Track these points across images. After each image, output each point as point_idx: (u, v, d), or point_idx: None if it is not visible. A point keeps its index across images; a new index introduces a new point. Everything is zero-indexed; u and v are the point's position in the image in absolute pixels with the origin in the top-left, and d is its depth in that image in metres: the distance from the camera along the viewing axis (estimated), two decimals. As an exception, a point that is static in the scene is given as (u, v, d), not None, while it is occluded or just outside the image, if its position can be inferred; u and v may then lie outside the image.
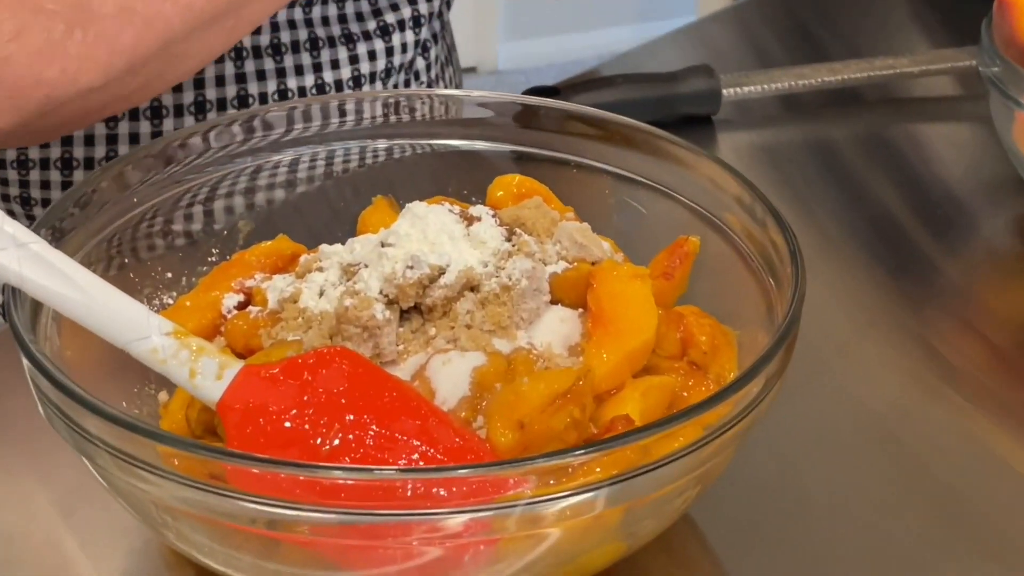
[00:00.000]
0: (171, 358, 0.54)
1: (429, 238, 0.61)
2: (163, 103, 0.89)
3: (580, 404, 0.54)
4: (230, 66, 0.90)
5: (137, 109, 0.88)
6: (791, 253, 0.59)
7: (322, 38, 0.92)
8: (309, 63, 0.92)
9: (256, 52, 0.90)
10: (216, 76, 0.90)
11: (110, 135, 0.89)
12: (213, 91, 0.90)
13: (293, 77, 0.92)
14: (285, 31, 0.91)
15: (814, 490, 0.66)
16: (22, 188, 0.89)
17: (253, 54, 0.90)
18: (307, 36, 0.91)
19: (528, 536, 0.49)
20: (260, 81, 0.91)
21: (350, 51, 0.94)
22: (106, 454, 0.49)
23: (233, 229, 0.72)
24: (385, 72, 0.95)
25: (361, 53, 0.94)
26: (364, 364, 0.55)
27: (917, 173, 0.99)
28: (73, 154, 0.89)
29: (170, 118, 0.89)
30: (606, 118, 0.74)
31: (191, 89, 0.89)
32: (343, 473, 0.47)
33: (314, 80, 0.93)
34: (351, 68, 0.94)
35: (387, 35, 0.94)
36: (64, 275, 0.54)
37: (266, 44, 0.90)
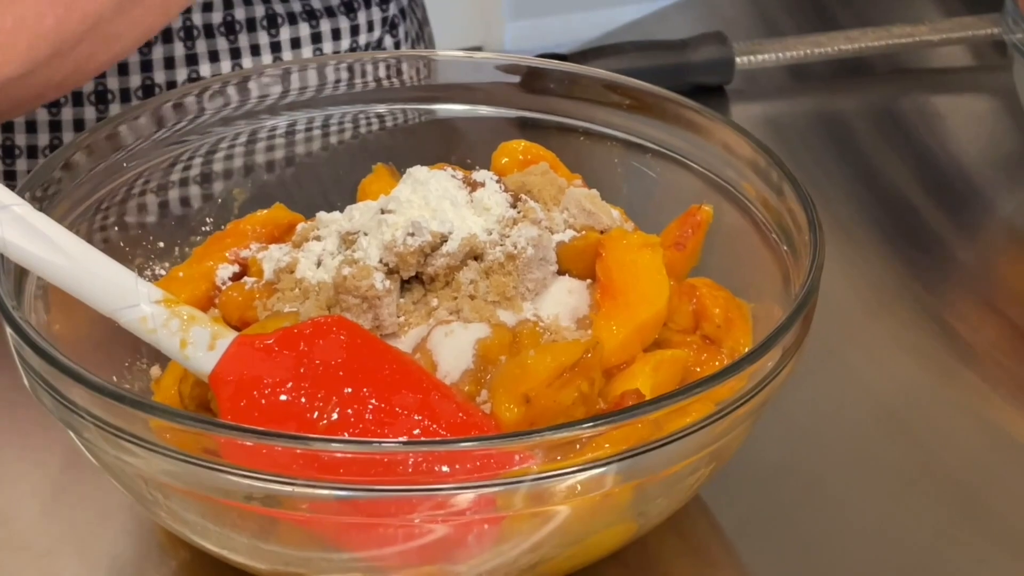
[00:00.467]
0: (161, 327, 0.51)
1: (431, 204, 0.58)
2: (108, 87, 0.83)
3: (588, 378, 0.52)
4: (180, 47, 0.84)
5: (81, 93, 0.83)
6: (809, 221, 0.56)
7: (281, 15, 0.86)
8: (267, 42, 0.86)
9: (208, 31, 0.84)
10: (165, 58, 0.84)
11: (53, 121, 0.84)
12: (162, 74, 0.84)
13: (249, 57, 0.85)
14: (240, 7, 0.84)
15: (826, 473, 0.64)
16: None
17: (205, 33, 0.84)
18: (264, 13, 0.85)
19: (535, 514, 0.47)
20: (213, 63, 0.84)
21: (312, 28, 0.87)
22: (93, 427, 0.47)
23: (228, 197, 0.70)
24: (350, 52, 0.89)
25: (324, 31, 0.88)
26: (363, 334, 0.53)
27: (932, 148, 0.96)
28: (15, 142, 0.84)
29: (116, 103, 0.84)
30: (615, 81, 0.71)
31: (138, 72, 0.83)
32: (340, 446, 0.45)
33: (272, 61, 0.86)
34: (313, 48, 0.87)
35: (352, 12, 0.88)
36: (48, 239, 0.51)
37: (219, 22, 0.84)
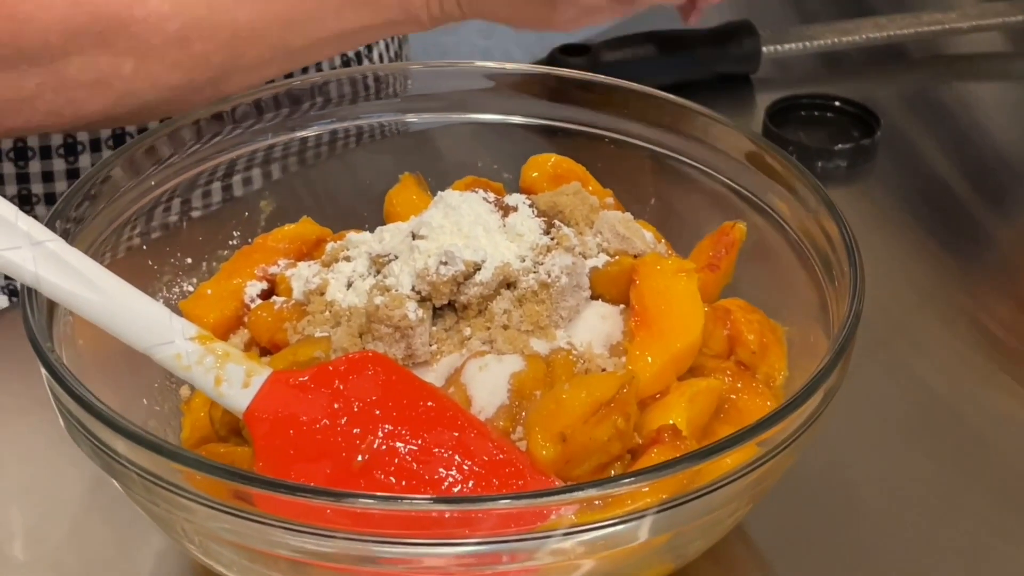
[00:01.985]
0: (196, 364, 0.51)
1: (463, 230, 0.58)
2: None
3: (624, 413, 0.52)
4: None
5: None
6: (848, 249, 0.55)
7: None
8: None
9: None
10: None
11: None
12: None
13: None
14: None
15: (866, 485, 0.63)
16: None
17: None
18: None
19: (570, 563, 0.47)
20: None
21: None
22: (135, 476, 0.46)
23: (254, 210, 0.69)
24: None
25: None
26: (398, 371, 0.52)
27: (968, 136, 0.95)
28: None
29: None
30: (646, 93, 0.70)
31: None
32: (375, 502, 0.45)
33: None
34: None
35: None
36: (82, 276, 0.51)
37: None
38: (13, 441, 0.65)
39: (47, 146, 0.80)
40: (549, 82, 0.72)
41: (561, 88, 0.72)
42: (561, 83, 0.72)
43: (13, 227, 0.50)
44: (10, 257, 0.50)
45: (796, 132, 0.90)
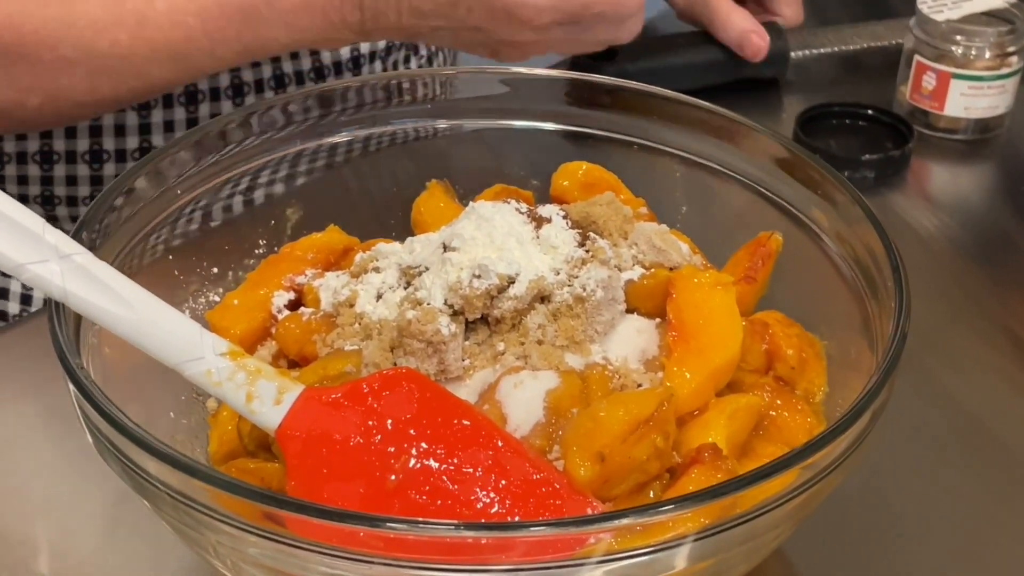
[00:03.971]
0: (227, 380, 0.50)
1: (496, 242, 0.57)
2: (104, 147, 0.84)
3: (663, 431, 0.50)
4: (180, 111, 0.84)
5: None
6: (893, 264, 0.54)
7: (288, 74, 0.86)
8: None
9: (214, 94, 0.84)
10: (165, 121, 0.84)
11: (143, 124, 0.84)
12: (161, 137, 0.84)
13: (288, 61, 0.85)
14: (247, 69, 0.85)
15: (902, 502, 0.62)
16: (44, 186, 0.85)
17: (210, 96, 0.84)
18: (271, 73, 0.85)
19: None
20: (254, 68, 0.84)
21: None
22: (166, 496, 0.45)
23: (280, 218, 0.68)
24: (385, 50, 0.88)
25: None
26: (432, 388, 0.51)
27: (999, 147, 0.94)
28: (103, 146, 0.85)
29: (111, 161, 0.85)
30: (676, 98, 0.68)
31: (135, 134, 0.84)
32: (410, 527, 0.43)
33: (311, 63, 0.86)
34: (350, 48, 0.87)
35: (358, 67, 0.88)
36: (111, 290, 0.50)
37: (226, 84, 0.84)
38: (37, 454, 0.64)
39: (72, 151, 0.80)
40: (577, 88, 0.71)
41: (590, 94, 0.71)
42: (590, 89, 0.71)
43: (40, 240, 0.49)
44: (38, 271, 0.49)
45: (827, 140, 0.89)
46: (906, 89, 0.92)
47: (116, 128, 0.83)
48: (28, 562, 0.59)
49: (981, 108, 0.90)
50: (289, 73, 0.86)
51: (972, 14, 0.90)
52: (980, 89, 0.89)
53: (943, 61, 0.90)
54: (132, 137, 0.83)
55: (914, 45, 0.91)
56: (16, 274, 0.49)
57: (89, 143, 0.82)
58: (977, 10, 0.90)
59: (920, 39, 0.90)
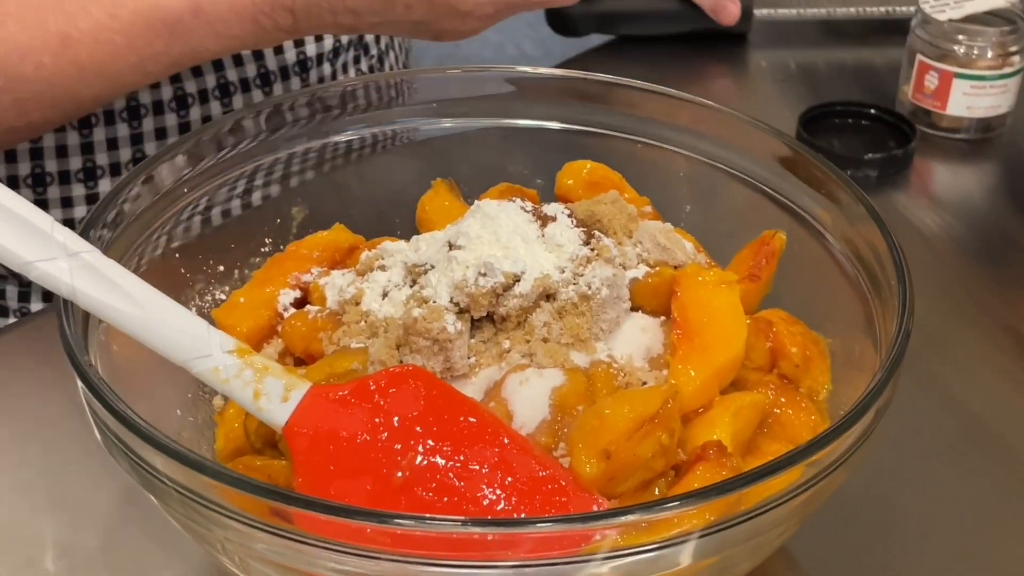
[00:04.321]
0: (234, 378, 0.50)
1: (501, 241, 0.57)
2: (47, 169, 0.82)
3: (668, 429, 0.51)
4: (124, 127, 0.82)
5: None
6: (896, 263, 0.54)
7: (233, 83, 0.83)
8: (248, 52, 0.83)
9: (157, 107, 0.82)
10: (108, 139, 0.81)
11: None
12: (104, 156, 0.81)
13: (232, 68, 0.84)
14: (189, 80, 0.83)
15: (904, 500, 0.62)
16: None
17: (153, 110, 0.82)
18: (215, 83, 0.83)
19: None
20: (159, 140, 0.82)
21: (266, 95, 0.85)
22: (174, 493, 0.46)
23: (286, 216, 0.68)
24: (333, 52, 0.87)
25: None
26: (439, 386, 0.51)
27: (1000, 146, 0.94)
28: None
29: (55, 184, 0.82)
30: (680, 97, 0.69)
31: (79, 155, 0.81)
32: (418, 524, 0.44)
33: (256, 69, 0.84)
34: (296, 51, 0.85)
35: (305, 72, 0.86)
36: (119, 288, 0.50)
37: (168, 97, 0.82)
38: (44, 452, 0.64)
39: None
40: (581, 86, 0.71)
41: (593, 92, 0.71)
42: (593, 87, 0.71)
43: (49, 238, 0.49)
44: (46, 269, 0.49)
45: (830, 140, 0.89)
46: (908, 88, 0.92)
47: (108, 142, 0.82)
48: (35, 559, 0.59)
49: (983, 107, 0.91)
50: (233, 81, 0.84)
51: (974, 14, 0.90)
52: (982, 88, 0.90)
53: (945, 61, 0.90)
54: (125, 149, 0.82)
55: (916, 45, 0.91)
56: (25, 271, 0.49)
57: (82, 160, 0.81)
58: (979, 10, 0.91)
59: (922, 39, 0.90)
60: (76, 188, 0.82)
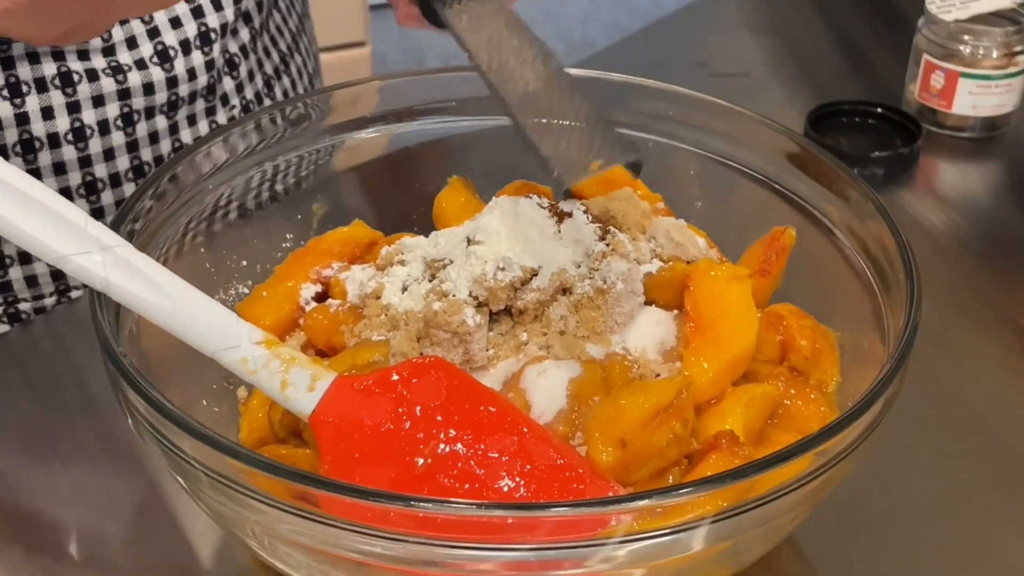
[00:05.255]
0: (262, 368, 0.52)
1: (519, 236, 0.58)
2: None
3: (682, 418, 0.52)
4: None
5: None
6: (904, 259, 0.56)
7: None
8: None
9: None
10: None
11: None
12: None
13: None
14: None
15: (911, 491, 0.64)
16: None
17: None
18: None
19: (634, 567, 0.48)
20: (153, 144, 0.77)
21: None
22: (203, 476, 0.47)
23: (307, 212, 0.70)
24: (168, 104, 0.78)
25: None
26: (460, 376, 0.53)
27: (1005, 145, 0.95)
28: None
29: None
30: (691, 96, 0.70)
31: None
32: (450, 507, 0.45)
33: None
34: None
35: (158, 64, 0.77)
36: (151, 280, 0.51)
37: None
38: (69, 442, 0.66)
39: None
40: (595, 86, 0.73)
41: (606, 91, 0.72)
42: (606, 86, 0.72)
43: (83, 232, 0.51)
44: (81, 262, 0.51)
45: (837, 138, 0.91)
46: (915, 88, 0.94)
47: (105, 153, 0.79)
48: (60, 546, 0.61)
49: (989, 106, 0.92)
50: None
51: (980, 14, 0.92)
52: (988, 88, 0.91)
53: (951, 60, 0.91)
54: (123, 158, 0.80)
55: (923, 44, 0.92)
56: (60, 264, 0.51)
57: (81, 175, 0.78)
58: (985, 10, 0.92)
59: (929, 38, 0.92)
60: (78, 203, 0.80)
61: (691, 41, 1.09)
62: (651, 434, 0.52)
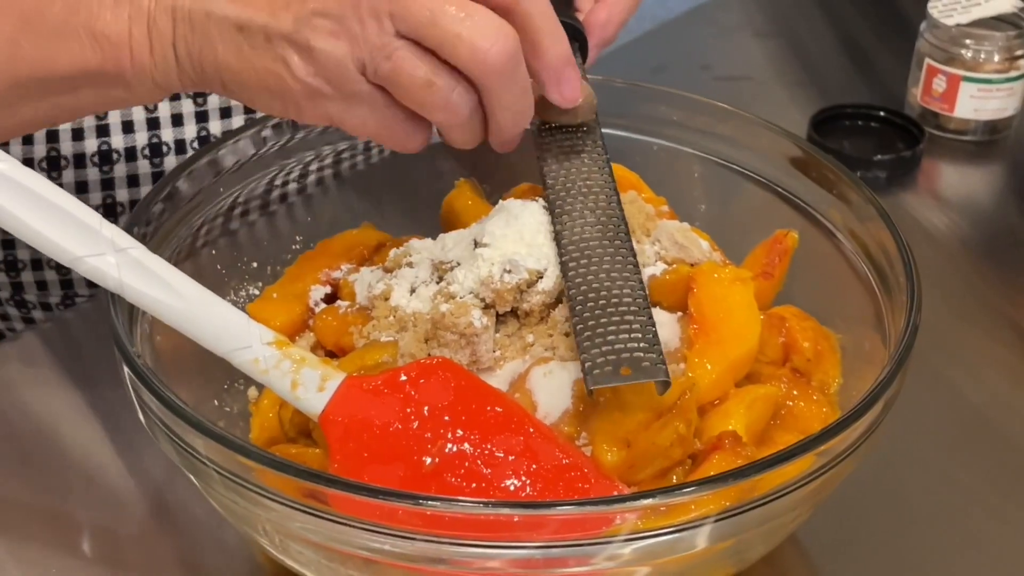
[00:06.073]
0: (273, 368, 0.53)
1: (525, 239, 0.59)
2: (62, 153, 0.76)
3: (685, 419, 0.53)
4: (140, 111, 0.76)
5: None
6: (904, 261, 0.57)
7: None
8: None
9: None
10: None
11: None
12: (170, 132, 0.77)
13: (218, 120, 0.79)
14: None
15: (913, 490, 0.64)
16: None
17: (169, 96, 0.74)
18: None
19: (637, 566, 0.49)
20: (176, 127, 0.77)
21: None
22: (215, 474, 0.48)
23: (316, 215, 0.71)
24: (199, 140, 0.78)
25: None
26: (467, 377, 0.54)
27: (1007, 147, 0.96)
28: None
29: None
30: (694, 99, 0.71)
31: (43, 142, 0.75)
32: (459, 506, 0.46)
33: (244, 123, 0.78)
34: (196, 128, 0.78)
35: None
36: (164, 282, 0.52)
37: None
38: (81, 441, 0.67)
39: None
40: (599, 89, 0.73)
41: (611, 95, 0.73)
42: (611, 90, 0.73)
43: (98, 234, 0.52)
44: (95, 264, 0.52)
45: (840, 141, 0.92)
46: (917, 91, 0.95)
47: (129, 179, 0.79)
48: (73, 544, 0.61)
49: (990, 110, 0.93)
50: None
51: (981, 18, 0.92)
52: (989, 92, 0.92)
53: (953, 64, 0.92)
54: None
55: (925, 48, 0.93)
56: (75, 266, 0.52)
57: (102, 196, 0.79)
58: (986, 15, 0.93)
59: (931, 43, 0.93)
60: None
61: (695, 44, 1.10)
62: (655, 434, 0.52)
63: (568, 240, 0.58)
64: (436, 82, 0.52)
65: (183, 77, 0.57)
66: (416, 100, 0.53)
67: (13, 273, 0.80)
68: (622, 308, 0.54)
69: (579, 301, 0.55)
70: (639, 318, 0.54)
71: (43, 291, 0.81)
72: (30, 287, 0.80)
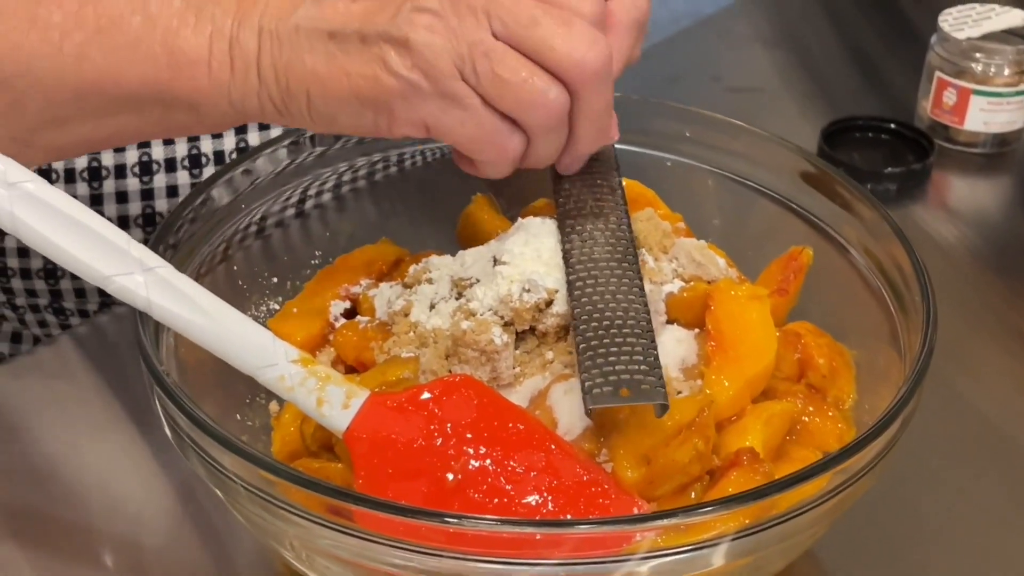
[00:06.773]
0: (298, 386, 0.53)
1: (543, 257, 0.60)
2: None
3: (704, 436, 0.54)
4: None
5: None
6: (919, 279, 0.57)
7: None
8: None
9: None
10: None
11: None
12: (209, 143, 0.77)
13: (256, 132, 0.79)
14: None
15: (926, 502, 0.65)
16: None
17: None
18: None
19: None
20: (215, 137, 0.77)
21: None
22: (242, 489, 0.49)
23: (335, 230, 0.72)
24: (238, 151, 0.78)
25: None
26: (489, 394, 0.54)
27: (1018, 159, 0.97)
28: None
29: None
30: (707, 116, 0.72)
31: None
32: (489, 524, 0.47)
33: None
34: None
35: None
36: (191, 301, 0.53)
37: None
38: (103, 454, 0.67)
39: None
40: (615, 106, 0.74)
41: (624, 111, 0.74)
42: (624, 106, 0.74)
43: (126, 254, 0.53)
44: (124, 283, 0.52)
45: (850, 153, 0.93)
46: (927, 104, 0.95)
47: (168, 189, 0.80)
48: (96, 556, 0.62)
49: (1000, 123, 0.94)
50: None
51: (992, 32, 0.93)
52: (999, 105, 0.93)
53: (963, 77, 0.93)
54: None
55: (935, 62, 0.94)
56: (104, 285, 0.53)
57: (142, 206, 0.79)
58: (997, 28, 0.94)
59: (941, 56, 0.93)
60: (134, 232, 0.81)
61: (706, 55, 1.10)
62: (674, 451, 0.53)
63: (576, 259, 0.59)
64: (535, 80, 0.53)
65: (263, 96, 0.55)
66: (514, 96, 0.53)
67: (52, 281, 0.80)
68: (625, 330, 0.55)
69: (583, 320, 0.56)
70: (641, 341, 0.55)
71: (81, 299, 0.82)
72: (68, 295, 0.81)
